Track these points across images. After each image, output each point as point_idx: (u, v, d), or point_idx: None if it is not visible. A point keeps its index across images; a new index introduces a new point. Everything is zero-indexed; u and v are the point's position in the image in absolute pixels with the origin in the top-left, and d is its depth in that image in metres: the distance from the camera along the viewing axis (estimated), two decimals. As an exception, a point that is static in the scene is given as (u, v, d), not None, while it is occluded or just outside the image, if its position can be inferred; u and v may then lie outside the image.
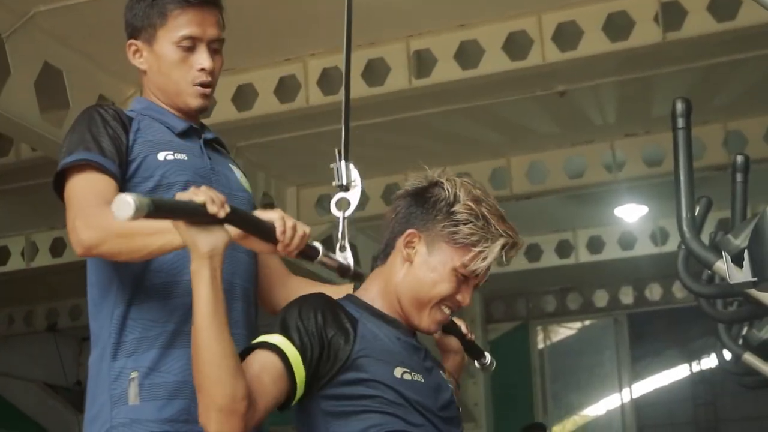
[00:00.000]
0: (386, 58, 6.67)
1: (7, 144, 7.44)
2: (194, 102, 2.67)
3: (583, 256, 10.48)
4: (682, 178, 3.70)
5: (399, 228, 2.45)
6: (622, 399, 13.34)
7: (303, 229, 2.32)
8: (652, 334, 14.52)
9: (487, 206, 2.40)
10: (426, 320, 2.43)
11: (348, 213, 2.60)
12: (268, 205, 8.60)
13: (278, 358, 2.23)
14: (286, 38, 6.61)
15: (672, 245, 8.93)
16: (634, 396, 13.51)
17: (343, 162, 2.63)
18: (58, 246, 9.55)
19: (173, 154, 2.57)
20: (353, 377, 2.28)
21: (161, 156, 2.56)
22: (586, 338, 13.85)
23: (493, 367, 3.02)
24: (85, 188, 2.45)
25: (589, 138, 8.40)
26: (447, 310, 2.45)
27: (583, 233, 10.44)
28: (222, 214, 2.09)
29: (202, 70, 2.64)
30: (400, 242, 2.43)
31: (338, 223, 2.58)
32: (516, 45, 6.47)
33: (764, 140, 7.93)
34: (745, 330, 5.12)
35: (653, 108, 7.83)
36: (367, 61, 6.64)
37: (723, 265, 3.17)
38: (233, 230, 2.18)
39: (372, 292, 2.47)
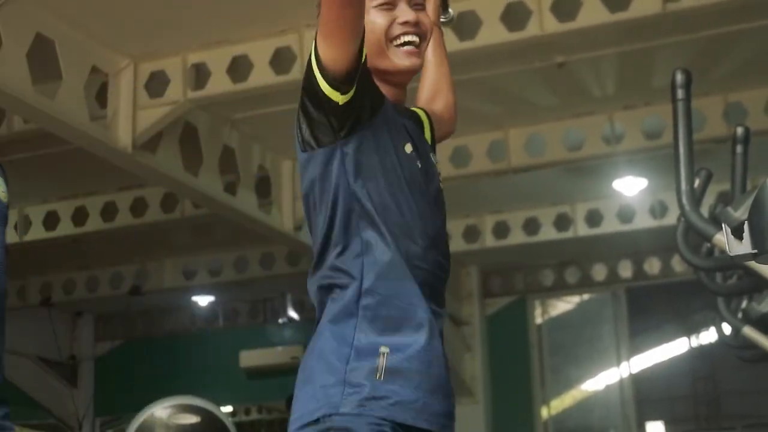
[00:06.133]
0: (382, 29, 6.59)
1: None
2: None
3: (582, 229, 10.44)
4: (681, 150, 3.66)
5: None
6: (620, 373, 13.33)
7: None
8: (651, 308, 14.50)
9: None
10: (397, 60, 2.51)
11: None
12: (264, 178, 8.54)
13: None
14: (281, 9, 6.54)
15: (671, 218, 8.89)
16: (633, 370, 13.50)
17: None
18: (52, 219, 9.51)
19: None
20: (378, 131, 2.39)
21: None
22: (584, 312, 13.83)
23: (453, 22, 3.03)
24: None
25: (588, 110, 8.34)
26: (404, 38, 2.51)
27: (582, 206, 10.40)
28: None
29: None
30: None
31: None
32: (514, 15, 6.41)
33: (765, 112, 7.88)
34: (744, 303, 5.11)
35: (653, 79, 7.78)
36: (363, 32, 6.56)
37: (723, 238, 3.13)
38: None
39: None
